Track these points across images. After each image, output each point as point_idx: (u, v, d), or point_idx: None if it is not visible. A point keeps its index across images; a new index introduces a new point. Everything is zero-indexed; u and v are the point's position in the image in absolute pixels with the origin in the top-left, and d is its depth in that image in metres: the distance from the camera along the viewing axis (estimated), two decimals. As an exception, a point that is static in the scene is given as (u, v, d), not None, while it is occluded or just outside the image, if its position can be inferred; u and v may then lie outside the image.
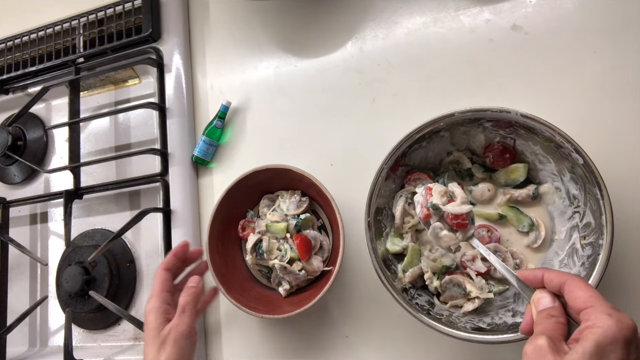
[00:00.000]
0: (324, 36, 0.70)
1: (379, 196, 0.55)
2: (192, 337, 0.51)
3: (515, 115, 0.49)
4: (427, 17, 0.65)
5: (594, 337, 0.32)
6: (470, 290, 0.53)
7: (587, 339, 0.32)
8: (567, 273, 0.39)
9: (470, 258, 0.56)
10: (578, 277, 0.38)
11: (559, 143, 0.48)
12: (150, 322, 0.51)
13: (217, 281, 0.60)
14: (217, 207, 0.62)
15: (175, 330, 0.50)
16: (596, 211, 0.47)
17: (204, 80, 0.76)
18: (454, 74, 0.63)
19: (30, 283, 0.82)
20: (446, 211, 0.49)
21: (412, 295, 0.55)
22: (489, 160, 0.57)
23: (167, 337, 0.50)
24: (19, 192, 0.86)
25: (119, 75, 0.80)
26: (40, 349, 0.79)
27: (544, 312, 0.38)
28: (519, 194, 0.56)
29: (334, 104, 0.68)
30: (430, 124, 0.52)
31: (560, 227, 0.54)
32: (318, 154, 0.67)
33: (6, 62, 0.86)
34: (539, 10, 0.60)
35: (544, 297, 0.39)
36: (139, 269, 0.75)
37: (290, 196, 0.64)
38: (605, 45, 0.57)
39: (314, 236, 0.63)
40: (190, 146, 0.73)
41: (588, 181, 0.47)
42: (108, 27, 0.79)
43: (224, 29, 0.76)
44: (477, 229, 0.57)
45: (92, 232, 0.78)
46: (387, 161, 0.53)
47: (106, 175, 0.79)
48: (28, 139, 0.86)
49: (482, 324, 0.51)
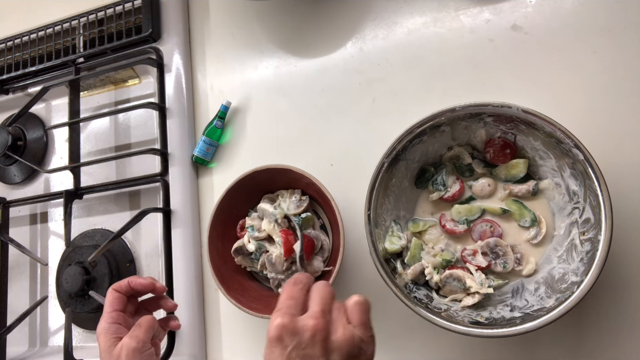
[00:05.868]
0: (324, 36, 0.70)
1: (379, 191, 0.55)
2: (146, 351, 0.50)
3: (516, 110, 0.50)
4: (427, 17, 0.65)
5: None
6: (470, 285, 0.54)
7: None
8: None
9: (471, 252, 0.56)
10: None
11: (559, 139, 0.48)
12: (101, 344, 0.50)
13: (217, 281, 0.60)
14: (217, 207, 0.62)
15: (126, 347, 0.49)
16: (595, 207, 0.47)
17: (204, 80, 0.76)
18: (454, 74, 0.63)
19: (30, 283, 0.82)
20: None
21: (411, 289, 0.55)
22: (490, 155, 0.57)
23: (119, 356, 0.49)
24: (19, 192, 0.86)
25: (119, 75, 0.80)
26: (40, 349, 0.79)
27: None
28: (519, 189, 0.56)
29: (334, 104, 0.68)
30: (431, 118, 0.52)
31: (560, 223, 0.54)
32: (318, 153, 0.67)
33: (6, 62, 0.86)
34: (539, 10, 0.60)
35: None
36: (139, 269, 0.75)
37: (291, 195, 0.64)
38: (605, 45, 0.57)
39: (315, 236, 0.63)
40: (190, 146, 0.73)
41: (588, 177, 0.47)
42: (108, 27, 0.80)
43: (224, 29, 0.76)
44: (480, 223, 0.57)
45: (92, 232, 0.78)
46: (388, 155, 0.54)
47: (106, 175, 0.79)
48: (28, 139, 0.86)
49: (480, 318, 0.51)
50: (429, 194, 0.60)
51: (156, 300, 0.57)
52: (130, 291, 0.54)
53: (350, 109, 0.67)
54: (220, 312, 0.69)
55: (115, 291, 0.53)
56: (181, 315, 0.67)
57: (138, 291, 0.55)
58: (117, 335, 0.51)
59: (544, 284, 0.52)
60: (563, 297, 0.47)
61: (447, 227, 0.58)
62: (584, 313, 0.54)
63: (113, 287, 0.54)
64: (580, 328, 0.54)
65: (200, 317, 0.68)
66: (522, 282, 0.54)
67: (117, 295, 0.53)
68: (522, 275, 0.55)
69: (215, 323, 0.69)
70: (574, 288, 0.46)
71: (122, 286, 0.54)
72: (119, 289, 0.54)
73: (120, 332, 0.51)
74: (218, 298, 0.69)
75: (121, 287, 0.54)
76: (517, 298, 0.53)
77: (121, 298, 0.54)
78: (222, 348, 0.68)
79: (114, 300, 0.53)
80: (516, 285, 0.55)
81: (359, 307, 0.39)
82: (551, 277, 0.51)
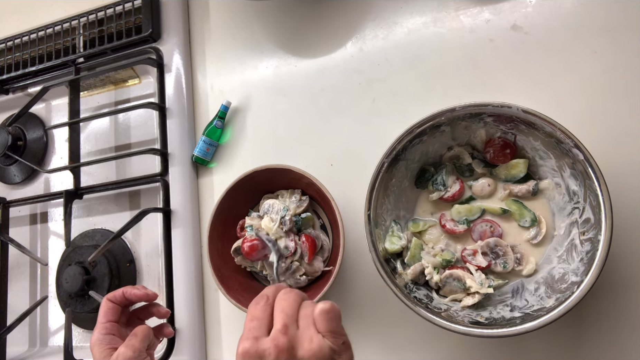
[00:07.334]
0: (324, 36, 0.70)
1: (379, 191, 0.55)
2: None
3: (516, 110, 0.50)
4: (427, 17, 0.65)
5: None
6: (470, 285, 0.54)
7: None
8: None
9: (471, 252, 0.56)
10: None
11: (559, 139, 0.48)
12: (96, 355, 0.50)
13: (217, 281, 0.60)
14: (217, 207, 0.62)
15: (122, 356, 0.49)
16: (595, 207, 0.47)
17: (204, 80, 0.76)
18: (454, 74, 0.63)
19: (30, 283, 0.82)
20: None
21: (411, 289, 0.55)
22: (490, 155, 0.57)
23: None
24: (19, 192, 0.86)
25: (119, 75, 0.80)
26: (40, 349, 0.79)
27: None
28: (519, 189, 0.56)
29: (334, 104, 0.68)
30: (431, 118, 0.53)
31: (560, 223, 0.54)
32: (318, 154, 0.67)
33: (6, 62, 0.86)
34: (539, 10, 0.60)
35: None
36: (139, 269, 0.75)
37: (291, 195, 0.64)
38: (605, 45, 0.57)
39: (316, 236, 0.63)
40: (190, 146, 0.73)
41: (588, 177, 0.47)
42: (108, 27, 0.80)
43: (224, 29, 0.76)
44: (480, 223, 0.57)
45: (92, 232, 0.78)
46: (388, 155, 0.54)
47: (106, 175, 0.79)
48: (28, 139, 0.86)
49: (480, 318, 0.51)
50: (429, 194, 0.60)
51: (148, 308, 0.57)
52: (125, 301, 0.54)
53: (350, 109, 0.67)
54: (220, 312, 0.69)
55: (109, 301, 0.53)
56: (181, 315, 0.67)
57: (132, 301, 0.55)
58: (111, 345, 0.51)
59: (544, 284, 0.52)
60: (563, 297, 0.47)
61: (447, 227, 0.58)
62: (584, 313, 0.54)
63: (107, 298, 0.54)
64: (580, 328, 0.54)
65: (200, 317, 0.68)
66: (522, 282, 0.54)
67: (112, 306, 0.53)
68: (522, 275, 0.55)
69: (215, 323, 0.69)
70: (574, 288, 0.46)
71: (116, 296, 0.54)
72: (113, 299, 0.53)
73: (115, 342, 0.51)
74: (218, 298, 0.69)
75: (116, 297, 0.53)
76: (517, 298, 0.53)
77: (115, 308, 0.53)
78: (222, 348, 0.68)
79: (108, 310, 0.53)
80: (516, 285, 0.55)
81: (325, 316, 0.37)
82: (551, 277, 0.51)
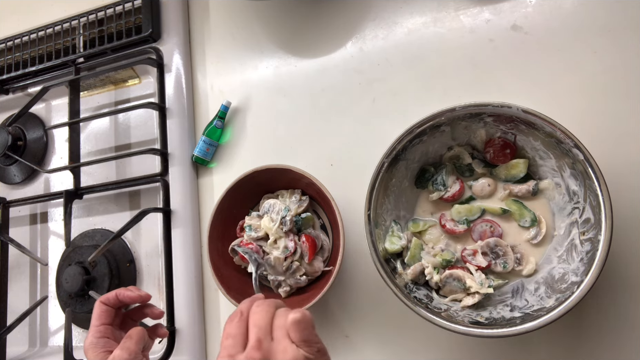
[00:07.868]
0: (324, 36, 0.70)
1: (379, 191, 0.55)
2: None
3: (516, 110, 0.50)
4: (427, 17, 0.65)
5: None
6: (470, 285, 0.54)
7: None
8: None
9: (471, 252, 0.56)
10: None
11: (559, 138, 0.48)
12: (90, 359, 0.50)
13: (217, 281, 0.60)
14: (217, 207, 0.62)
15: (117, 359, 0.49)
16: (595, 207, 0.47)
17: (204, 80, 0.76)
18: (454, 74, 0.63)
19: (30, 283, 0.82)
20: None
21: (411, 289, 0.55)
22: (490, 155, 0.57)
23: None
24: (19, 192, 0.86)
25: (119, 75, 0.80)
26: (40, 349, 0.79)
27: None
28: (519, 189, 0.56)
29: (334, 104, 0.68)
30: (431, 118, 0.53)
31: (560, 223, 0.54)
32: (318, 154, 0.67)
33: (6, 62, 0.86)
34: (539, 10, 0.60)
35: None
36: (139, 269, 0.75)
37: (291, 195, 0.64)
38: (605, 45, 0.57)
39: (316, 236, 0.63)
40: (190, 146, 0.73)
41: (588, 177, 0.47)
42: (108, 27, 0.80)
43: (224, 29, 0.76)
44: (480, 223, 0.57)
45: (92, 232, 0.78)
46: (388, 155, 0.54)
47: (106, 175, 0.79)
48: (28, 139, 0.86)
49: (480, 318, 0.51)
50: (429, 194, 0.60)
51: (142, 309, 0.57)
52: (118, 304, 0.54)
53: (350, 109, 0.67)
54: (220, 312, 0.69)
55: (103, 304, 0.53)
56: (181, 315, 0.67)
57: (126, 303, 0.54)
58: (105, 349, 0.50)
59: (544, 284, 0.52)
60: (563, 297, 0.47)
61: (447, 227, 0.58)
62: (584, 313, 0.54)
63: (101, 300, 0.53)
64: (580, 328, 0.54)
65: (200, 317, 0.68)
66: (522, 282, 0.54)
67: (106, 309, 0.53)
68: (522, 275, 0.55)
69: (215, 323, 0.69)
70: (574, 288, 0.46)
71: (110, 299, 0.53)
72: (107, 302, 0.53)
73: (109, 345, 0.51)
74: (218, 298, 0.69)
75: (109, 300, 0.53)
76: (517, 298, 0.53)
77: (109, 311, 0.53)
78: (222, 348, 0.68)
79: (102, 313, 0.53)
80: (516, 285, 0.55)
81: (296, 326, 0.38)
82: (551, 277, 0.51)
